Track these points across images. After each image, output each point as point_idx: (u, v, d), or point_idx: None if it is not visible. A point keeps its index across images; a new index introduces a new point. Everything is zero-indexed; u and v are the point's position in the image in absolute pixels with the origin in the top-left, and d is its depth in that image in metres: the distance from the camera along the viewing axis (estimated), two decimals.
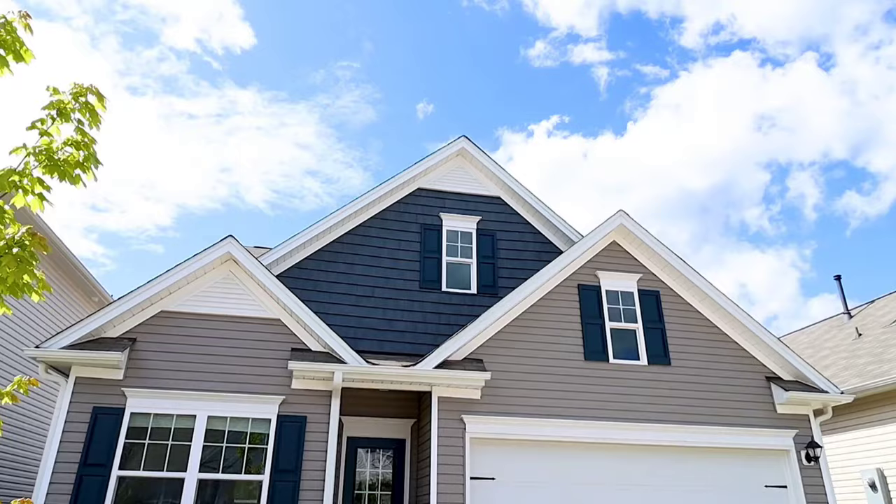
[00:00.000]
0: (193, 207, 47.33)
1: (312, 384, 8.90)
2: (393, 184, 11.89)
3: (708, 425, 9.74)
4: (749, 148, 43.17)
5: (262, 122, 45.06)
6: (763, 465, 9.90)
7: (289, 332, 9.19)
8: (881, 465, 12.48)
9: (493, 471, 9.04)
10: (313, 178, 49.36)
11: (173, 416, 8.47)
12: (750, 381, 10.27)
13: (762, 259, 50.94)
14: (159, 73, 40.17)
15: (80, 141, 3.75)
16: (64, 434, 8.07)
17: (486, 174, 12.57)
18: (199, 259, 9.08)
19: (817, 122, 41.96)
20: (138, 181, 44.01)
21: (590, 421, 9.40)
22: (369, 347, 10.20)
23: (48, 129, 3.74)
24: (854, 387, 12.47)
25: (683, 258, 10.72)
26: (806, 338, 18.73)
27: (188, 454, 8.28)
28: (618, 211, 10.82)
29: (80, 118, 3.87)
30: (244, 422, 8.61)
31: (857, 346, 15.30)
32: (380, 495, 10.10)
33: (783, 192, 47.09)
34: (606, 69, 43.05)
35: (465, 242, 11.94)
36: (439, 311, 11.20)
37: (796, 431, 10.00)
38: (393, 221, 11.85)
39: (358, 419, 10.15)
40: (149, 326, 8.85)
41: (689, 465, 9.67)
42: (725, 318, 10.56)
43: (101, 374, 8.43)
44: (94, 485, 7.89)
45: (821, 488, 9.70)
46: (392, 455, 10.32)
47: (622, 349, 10.12)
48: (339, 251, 11.36)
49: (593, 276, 10.52)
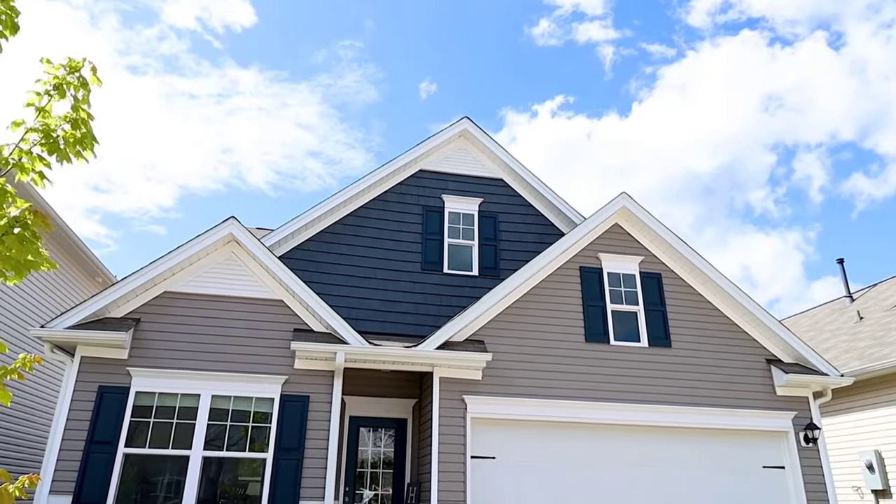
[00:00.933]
0: (195, 188, 47.33)
1: (315, 364, 8.98)
2: (395, 165, 11.87)
3: (708, 407, 9.82)
4: (755, 129, 42.87)
5: (263, 103, 44.88)
6: (762, 446, 10.00)
7: (291, 312, 9.25)
8: (879, 446, 12.57)
9: (493, 450, 9.14)
10: (315, 159, 49.25)
11: (178, 395, 8.57)
12: (750, 363, 10.32)
13: (766, 242, 50.84)
14: (160, 52, 39.94)
15: (76, 118, 3.74)
16: (70, 412, 8.19)
17: (489, 155, 12.54)
18: (201, 240, 9.12)
19: (825, 103, 41.60)
20: (140, 162, 43.98)
21: (590, 402, 9.48)
22: (371, 328, 10.27)
23: (44, 105, 3.73)
24: (854, 370, 12.53)
25: (686, 241, 10.73)
26: (807, 321, 18.77)
27: (193, 432, 8.39)
28: (620, 193, 10.80)
29: (76, 94, 3.84)
30: (248, 401, 8.72)
31: (858, 329, 15.34)
32: (382, 473, 10.24)
33: (789, 174, 46.87)
34: (612, 48, 42.65)
35: (467, 224, 11.95)
36: (441, 292, 11.25)
37: (795, 413, 10.07)
38: (395, 203, 11.85)
39: (360, 399, 10.25)
40: (153, 307, 8.92)
41: (688, 446, 9.76)
42: (727, 301, 10.59)
43: (106, 353, 8.52)
44: (100, 462, 8.02)
45: (819, 469, 9.80)
46: (394, 434, 10.44)
47: (623, 331, 10.17)
48: (341, 233, 11.38)
49: (595, 259, 10.54)
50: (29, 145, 3.73)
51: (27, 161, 3.71)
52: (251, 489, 8.45)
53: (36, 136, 3.74)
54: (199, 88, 42.83)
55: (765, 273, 52.12)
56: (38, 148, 3.74)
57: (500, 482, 8.99)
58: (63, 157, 3.69)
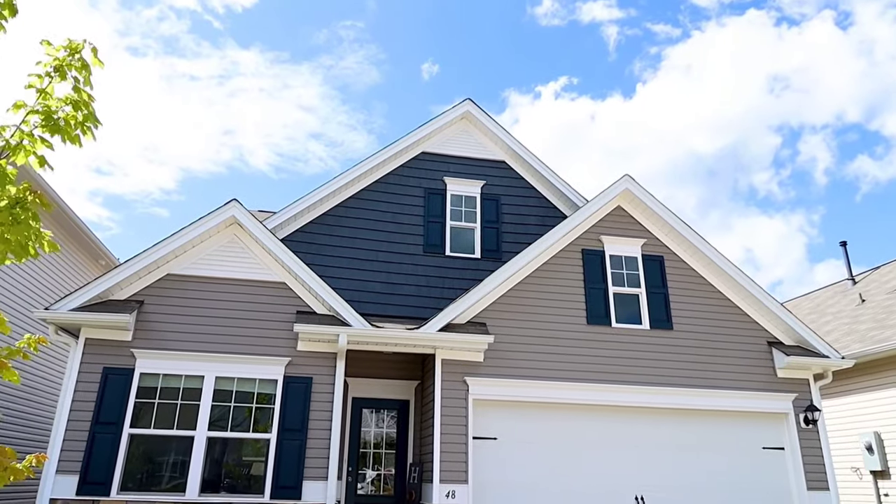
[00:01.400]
0: (197, 171, 47.25)
1: (318, 346, 9.03)
2: (397, 147, 11.83)
3: (708, 388, 9.87)
4: (761, 110, 42.54)
5: (264, 84, 44.63)
6: (762, 427, 10.06)
7: (294, 295, 9.28)
8: (879, 428, 12.64)
9: (495, 431, 9.22)
10: (317, 141, 49.07)
11: (182, 377, 8.64)
12: (751, 345, 10.35)
13: (769, 224, 50.69)
14: (159, 33, 39.64)
15: (78, 100, 3.72)
16: (76, 393, 8.27)
17: (491, 138, 12.48)
18: (203, 223, 9.13)
19: (832, 84, 41.17)
20: (141, 144, 43.87)
21: (591, 384, 9.53)
22: (373, 311, 10.30)
23: (45, 87, 3.71)
24: (855, 352, 12.56)
25: (688, 223, 10.71)
26: (809, 303, 18.78)
27: (197, 413, 8.48)
28: (623, 175, 10.76)
29: (77, 76, 3.82)
30: (251, 382, 8.79)
31: (860, 311, 15.35)
32: (384, 454, 10.34)
33: (794, 156, 46.59)
34: (616, 28, 42.22)
35: (469, 207, 11.93)
36: (443, 275, 11.27)
37: (796, 395, 10.12)
38: (397, 185, 11.83)
39: (363, 380, 10.32)
40: (156, 289, 8.96)
41: (688, 427, 9.83)
42: (729, 284, 10.60)
43: (110, 335, 8.57)
44: (106, 441, 8.11)
45: (818, 450, 9.87)
46: (396, 415, 10.52)
47: (625, 314, 10.19)
48: (343, 215, 11.38)
49: (597, 241, 10.53)
50: (30, 127, 3.72)
51: (28, 143, 3.71)
52: (255, 469, 8.55)
53: (37, 118, 3.73)
54: (199, 70, 42.59)
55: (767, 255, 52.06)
56: (40, 130, 3.73)
57: (501, 463, 9.07)
58: (67, 138, 3.67)
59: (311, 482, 8.40)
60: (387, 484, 10.18)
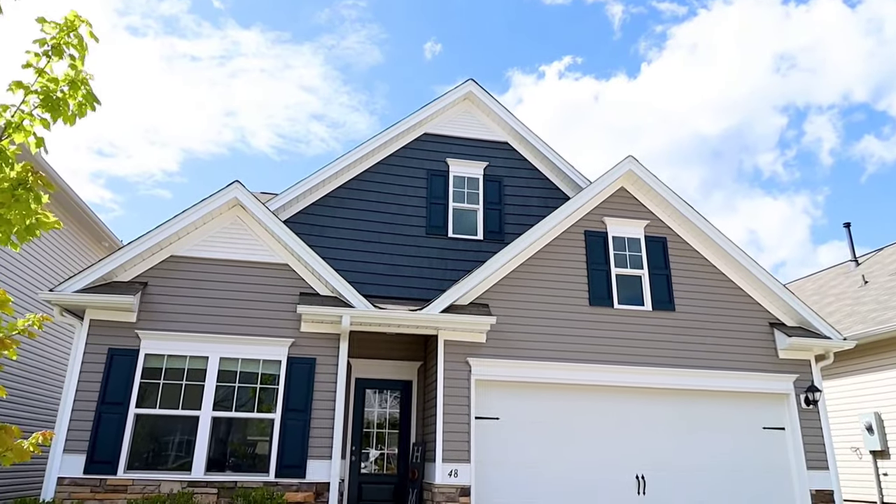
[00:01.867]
0: (199, 152, 47.13)
1: (321, 327, 9.08)
2: (399, 128, 11.78)
3: (710, 369, 9.91)
4: (767, 90, 42.17)
5: (266, 64, 44.32)
6: (763, 407, 10.12)
7: (297, 276, 9.31)
8: (879, 409, 12.71)
9: (497, 411, 9.29)
10: (319, 122, 48.85)
11: (186, 358, 8.70)
12: (753, 326, 10.37)
13: (773, 205, 50.50)
14: (159, 12, 39.31)
15: (75, 79, 3.69)
16: (81, 374, 8.34)
17: (494, 119, 12.41)
18: (206, 204, 9.13)
19: (839, 63, 40.74)
20: (143, 125, 43.72)
21: (594, 364, 9.58)
22: (376, 292, 10.33)
23: (42, 66, 3.69)
24: (857, 333, 12.58)
25: (691, 204, 10.68)
26: (812, 285, 18.78)
27: (202, 394, 8.55)
28: (626, 156, 10.71)
29: (74, 53, 3.79)
30: (255, 363, 8.85)
31: (862, 293, 15.35)
32: (387, 434, 10.44)
33: (799, 137, 46.27)
34: (621, 6, 41.72)
35: (472, 188, 11.90)
36: (445, 256, 11.28)
37: (797, 376, 10.16)
38: (399, 167, 11.80)
39: (366, 361, 10.39)
40: (159, 271, 9.00)
41: (689, 408, 9.89)
42: (731, 265, 10.59)
43: (114, 316, 8.62)
44: (112, 421, 8.20)
45: (818, 430, 9.93)
46: (399, 396, 10.60)
47: (627, 295, 10.21)
48: (345, 197, 11.37)
49: (600, 223, 10.52)
50: (29, 107, 3.71)
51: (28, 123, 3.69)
52: (260, 448, 8.64)
53: (35, 98, 3.71)
54: (200, 50, 42.28)
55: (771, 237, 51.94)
56: (39, 111, 3.71)
57: (503, 442, 9.15)
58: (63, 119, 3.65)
59: (315, 461, 8.50)
60: (390, 463, 10.29)
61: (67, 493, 7.84)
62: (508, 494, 8.94)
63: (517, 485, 9.01)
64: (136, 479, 8.05)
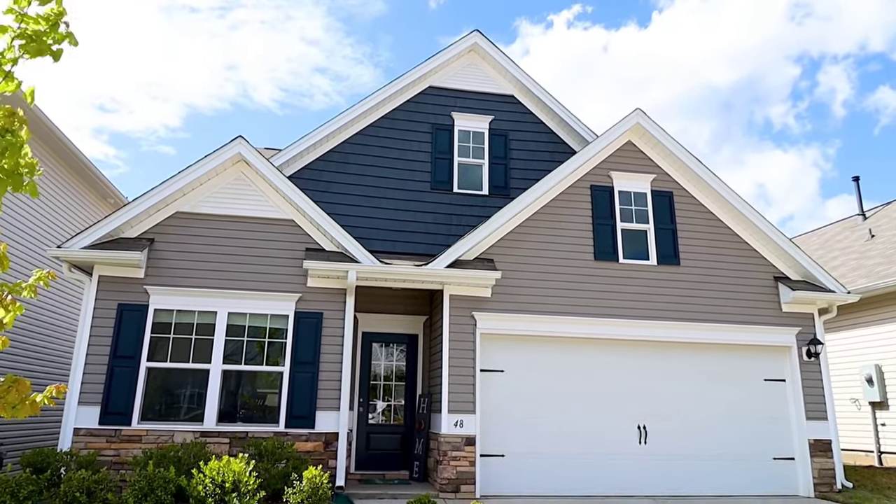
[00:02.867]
0: (202, 107, 46.63)
1: (327, 283, 9.15)
2: (403, 82, 11.59)
3: (713, 323, 9.99)
4: (780, 39, 41.12)
5: (266, 16, 43.37)
6: (765, 360, 10.24)
7: (302, 232, 9.34)
8: (880, 361, 12.84)
9: (502, 364, 9.43)
10: (322, 75, 48.08)
11: (195, 313, 8.82)
12: (758, 280, 10.40)
13: (784, 158, 49.91)
14: None
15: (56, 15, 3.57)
16: (93, 329, 8.49)
17: (500, 71, 12.18)
18: (209, 160, 9.09)
19: (856, 11, 39.53)
20: (144, 80, 43.15)
21: (598, 318, 9.66)
22: (381, 248, 10.37)
23: (24, 11, 3.58)
24: (861, 287, 12.61)
25: (699, 158, 10.57)
26: (818, 239, 18.72)
27: (211, 348, 8.70)
28: (634, 109, 10.55)
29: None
30: (263, 318, 8.97)
31: (868, 247, 15.30)
32: (394, 386, 10.64)
33: (812, 88, 45.35)
34: None
35: (477, 143, 11.78)
36: (451, 211, 11.26)
37: (799, 329, 10.23)
38: (404, 121, 11.66)
39: (372, 316, 10.51)
40: (165, 227, 9.03)
41: (692, 360, 10.01)
42: (738, 219, 10.55)
43: (122, 272, 8.71)
44: (125, 374, 8.38)
45: (818, 382, 10.06)
46: (405, 349, 10.76)
47: (632, 250, 10.22)
48: (349, 152, 11.29)
49: (606, 177, 10.44)
50: (15, 54, 3.61)
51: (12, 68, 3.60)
52: (269, 400, 8.84)
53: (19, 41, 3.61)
54: (199, 1, 41.33)
55: (780, 190, 51.52)
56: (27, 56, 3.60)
57: (508, 394, 9.32)
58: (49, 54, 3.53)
59: (323, 412, 8.70)
60: (397, 414, 10.52)
61: (84, 443, 8.08)
62: (513, 444, 9.16)
63: (521, 435, 9.22)
64: (150, 430, 8.28)
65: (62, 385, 4.26)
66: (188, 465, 7.03)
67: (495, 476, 8.93)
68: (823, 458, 9.73)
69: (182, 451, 7.49)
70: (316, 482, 6.48)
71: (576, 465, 9.22)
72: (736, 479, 9.57)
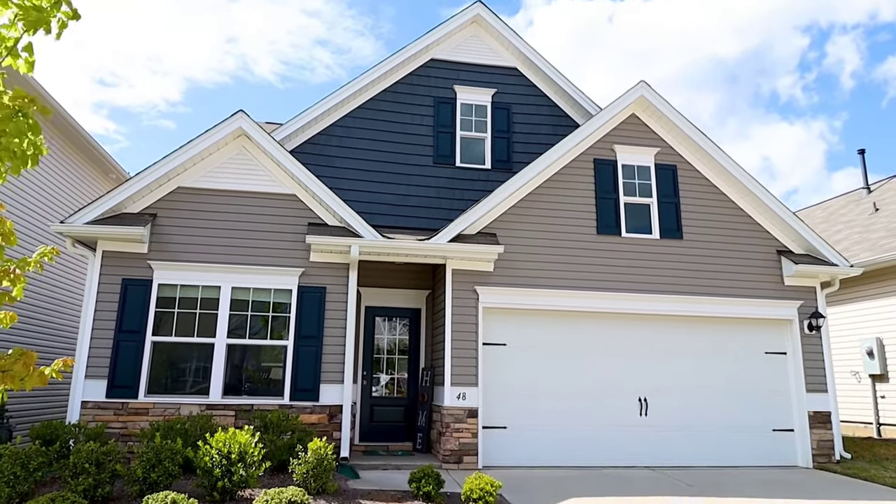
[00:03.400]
0: (202, 81, 46.24)
1: (330, 257, 9.17)
2: (405, 54, 11.46)
3: (715, 296, 10.01)
4: (789, 8, 40.45)
5: None
6: (766, 333, 10.28)
7: (305, 207, 9.33)
8: (881, 334, 12.89)
9: (504, 337, 9.49)
10: (323, 48, 47.54)
11: (199, 287, 8.87)
12: (761, 254, 10.39)
13: (789, 131, 49.48)
14: None
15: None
16: (98, 303, 8.55)
17: (503, 43, 12.03)
18: (210, 135, 9.05)
19: None
20: (144, 53, 42.73)
21: (600, 292, 9.69)
22: (384, 222, 10.36)
23: None
24: (865, 260, 12.59)
25: (703, 131, 10.49)
26: (821, 213, 18.64)
27: (216, 322, 8.77)
28: (639, 82, 10.44)
29: None
30: (267, 292, 9.01)
31: (872, 220, 15.25)
32: (397, 359, 10.73)
33: (820, 59, 44.74)
34: None
35: (480, 116, 11.69)
36: (453, 186, 11.22)
37: (801, 302, 10.26)
38: (405, 95, 11.56)
39: (375, 290, 10.55)
40: (167, 202, 9.03)
41: (693, 333, 10.06)
42: (741, 193, 10.50)
43: (126, 247, 8.74)
44: (130, 348, 8.46)
45: (819, 355, 10.12)
46: (408, 323, 10.83)
47: (635, 224, 10.20)
48: (351, 126, 11.22)
49: (610, 151, 10.38)
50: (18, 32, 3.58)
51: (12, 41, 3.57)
52: (274, 374, 8.94)
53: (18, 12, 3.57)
54: None
55: (785, 164, 51.18)
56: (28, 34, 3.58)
57: (510, 367, 9.40)
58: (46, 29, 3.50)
59: (327, 385, 8.79)
60: (400, 387, 10.63)
61: (92, 416, 8.20)
62: (515, 416, 9.26)
63: (523, 407, 9.32)
64: (157, 403, 8.39)
65: (69, 359, 4.32)
66: (195, 437, 7.13)
67: (497, 447, 9.05)
68: (822, 430, 9.83)
69: (189, 424, 7.59)
70: (321, 453, 6.57)
71: (577, 437, 9.33)
72: (735, 451, 9.68)
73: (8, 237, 4.13)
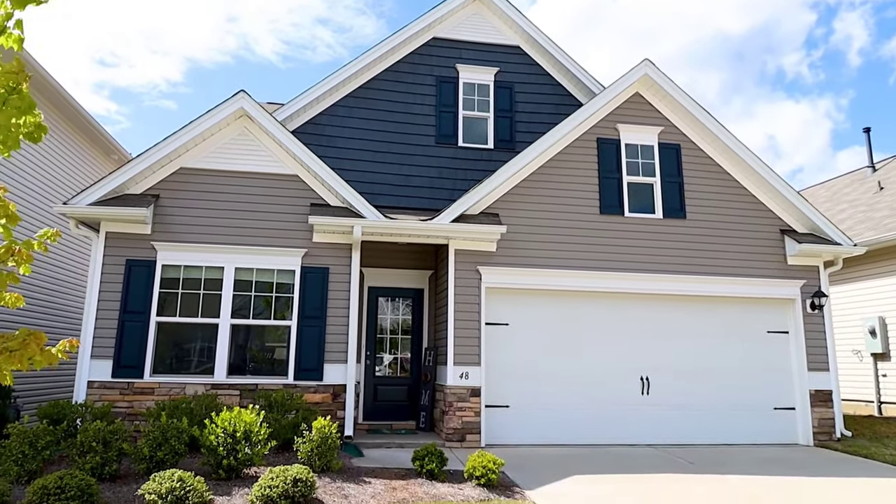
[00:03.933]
0: (203, 61, 45.91)
1: (333, 238, 9.18)
2: (407, 33, 11.35)
3: (719, 276, 10.01)
4: None
5: None
6: (768, 312, 10.30)
7: (307, 187, 9.32)
8: (884, 313, 12.90)
9: (507, 317, 9.53)
10: (324, 27, 47.09)
11: (202, 268, 8.90)
12: (764, 233, 10.36)
13: (795, 109, 49.05)
14: None
15: None
16: (102, 284, 8.59)
17: (505, 21, 11.90)
18: (212, 115, 9.01)
19: None
20: (144, 33, 42.38)
21: (603, 272, 9.70)
22: (386, 203, 10.34)
23: None
24: (868, 240, 12.56)
25: (708, 110, 10.40)
26: (826, 191, 18.55)
27: (220, 302, 8.81)
28: (643, 60, 10.34)
29: None
30: (270, 273, 9.04)
31: (876, 199, 15.17)
32: (400, 339, 10.79)
33: (827, 36, 44.20)
34: None
35: (482, 95, 11.60)
36: (456, 166, 11.18)
37: (804, 282, 10.25)
38: (407, 74, 11.47)
39: (378, 270, 10.58)
40: (170, 183, 9.02)
41: (696, 312, 10.07)
42: (745, 172, 10.45)
43: (129, 228, 8.75)
44: (135, 329, 8.52)
45: (821, 334, 10.14)
46: (411, 303, 10.86)
47: (638, 203, 10.17)
48: (353, 106, 11.15)
49: (613, 130, 10.31)
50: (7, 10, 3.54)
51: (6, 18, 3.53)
52: (278, 353, 8.99)
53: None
54: None
55: (790, 142, 50.82)
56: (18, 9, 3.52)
57: (513, 347, 9.44)
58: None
59: (331, 365, 8.86)
60: (403, 367, 10.70)
61: (98, 395, 8.28)
62: (517, 395, 9.33)
63: (526, 386, 9.38)
64: (162, 383, 8.47)
65: (75, 339, 4.36)
66: (200, 417, 7.21)
67: (500, 426, 9.12)
68: (824, 408, 9.89)
69: (194, 403, 7.66)
70: (325, 432, 6.64)
71: (579, 416, 9.40)
72: (737, 429, 9.75)
73: (12, 219, 4.15)
